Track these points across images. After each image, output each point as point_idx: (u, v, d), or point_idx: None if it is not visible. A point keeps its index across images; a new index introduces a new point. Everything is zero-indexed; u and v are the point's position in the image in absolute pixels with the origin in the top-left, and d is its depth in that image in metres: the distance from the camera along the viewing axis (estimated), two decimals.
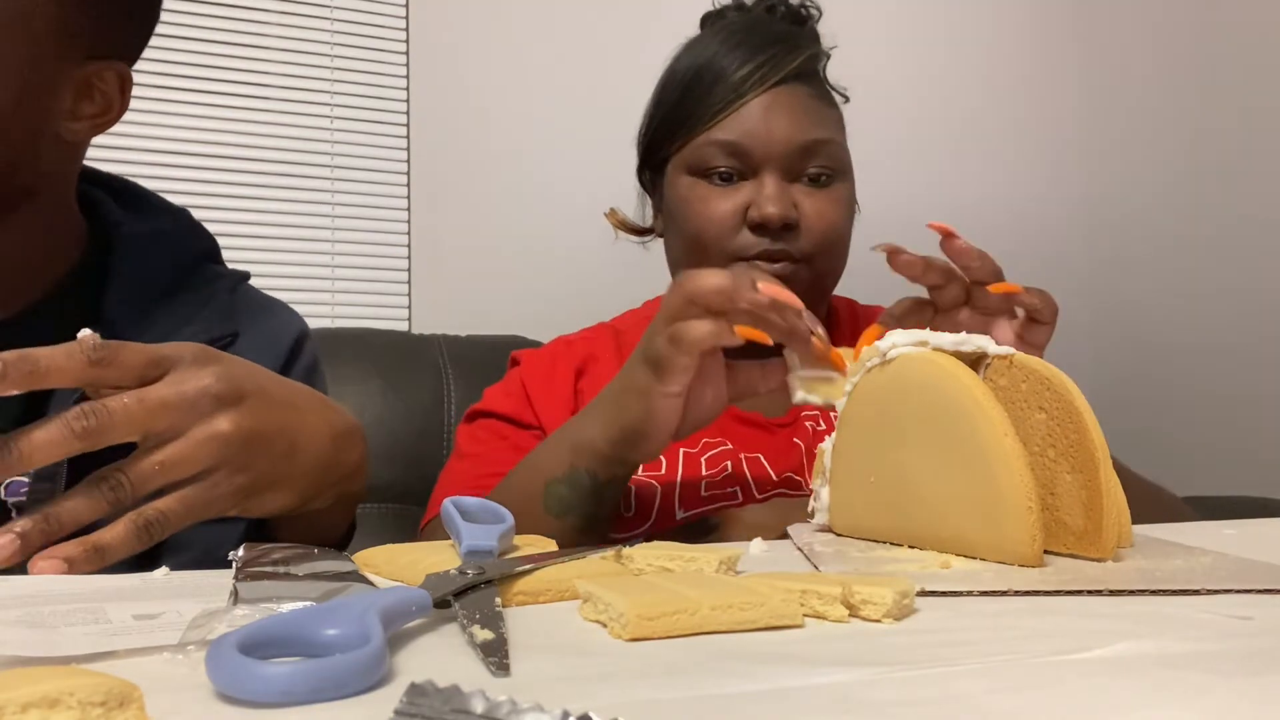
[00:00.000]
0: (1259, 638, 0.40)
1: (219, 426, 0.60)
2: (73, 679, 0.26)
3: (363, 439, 0.73)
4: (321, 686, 0.29)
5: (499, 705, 0.26)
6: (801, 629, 0.40)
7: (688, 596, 0.39)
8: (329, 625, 0.34)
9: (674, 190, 1.03)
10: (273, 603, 0.41)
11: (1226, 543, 0.67)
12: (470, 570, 0.46)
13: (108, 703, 0.26)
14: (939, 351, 0.62)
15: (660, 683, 0.33)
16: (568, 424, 0.84)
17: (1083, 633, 0.41)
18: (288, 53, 1.68)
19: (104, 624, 0.40)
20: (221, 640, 0.31)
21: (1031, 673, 0.34)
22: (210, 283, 0.88)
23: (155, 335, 0.76)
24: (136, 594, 0.47)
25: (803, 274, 0.98)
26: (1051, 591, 0.49)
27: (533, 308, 1.72)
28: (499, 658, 0.34)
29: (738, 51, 1.00)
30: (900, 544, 0.63)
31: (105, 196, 0.87)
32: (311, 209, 1.69)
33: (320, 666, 0.30)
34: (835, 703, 0.31)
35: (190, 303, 0.84)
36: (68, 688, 0.26)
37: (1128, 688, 0.33)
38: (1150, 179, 2.20)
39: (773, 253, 0.97)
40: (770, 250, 0.97)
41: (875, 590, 0.41)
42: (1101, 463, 0.57)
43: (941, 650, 0.38)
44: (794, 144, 0.98)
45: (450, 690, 0.27)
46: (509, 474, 0.87)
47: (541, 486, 0.80)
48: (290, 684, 0.29)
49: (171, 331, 0.79)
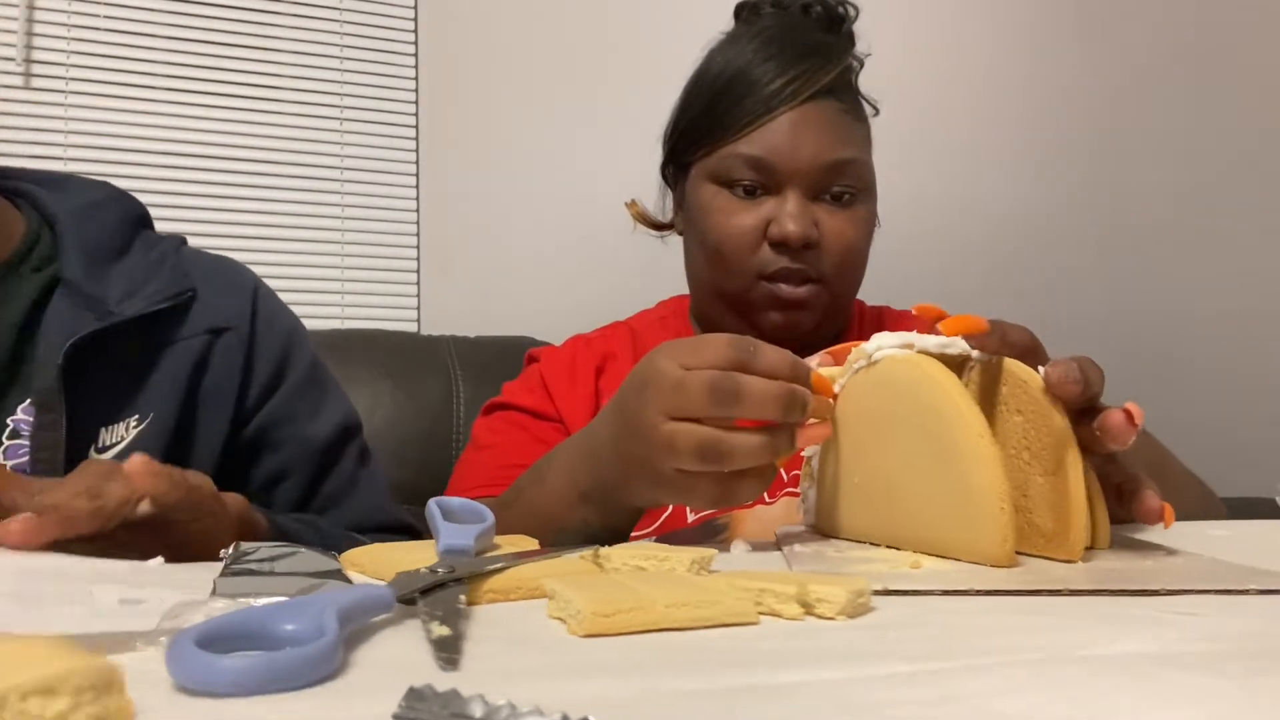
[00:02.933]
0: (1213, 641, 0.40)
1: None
2: (67, 661, 0.27)
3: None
4: (271, 679, 0.31)
5: (498, 710, 0.26)
6: (757, 626, 0.41)
7: (644, 594, 0.40)
8: (287, 621, 0.35)
9: (696, 196, 1.03)
10: (249, 597, 0.43)
11: (1215, 544, 0.67)
12: (442, 569, 0.48)
13: (96, 686, 0.27)
14: (923, 354, 0.63)
15: (611, 678, 0.34)
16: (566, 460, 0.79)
17: (1034, 629, 0.42)
18: (297, 55, 1.70)
19: (89, 604, 0.42)
20: (182, 634, 0.33)
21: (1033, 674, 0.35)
22: (154, 246, 0.90)
23: (118, 294, 0.81)
24: (125, 579, 0.49)
25: (821, 294, 1.00)
26: (1012, 591, 0.49)
27: (541, 309, 1.73)
28: (449, 653, 0.35)
29: (771, 62, 1.00)
30: (881, 545, 0.64)
31: (30, 187, 0.88)
32: (321, 210, 1.71)
33: (270, 659, 0.31)
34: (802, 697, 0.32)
35: (141, 266, 0.86)
36: (62, 673, 0.26)
37: (1129, 689, 0.33)
38: (1164, 179, 2.19)
39: (792, 271, 0.98)
40: (790, 269, 0.98)
41: (830, 589, 0.42)
42: (1071, 466, 0.58)
43: (894, 646, 0.39)
44: (819, 163, 0.98)
45: (449, 694, 0.27)
46: (517, 487, 0.84)
47: (546, 522, 0.75)
48: (239, 676, 0.30)
49: (133, 290, 0.83)
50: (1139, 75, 2.22)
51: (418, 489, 1.43)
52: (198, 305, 0.87)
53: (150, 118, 1.60)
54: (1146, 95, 2.21)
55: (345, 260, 1.72)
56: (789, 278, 0.98)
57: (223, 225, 1.63)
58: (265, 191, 1.67)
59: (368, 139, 1.73)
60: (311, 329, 1.41)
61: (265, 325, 0.92)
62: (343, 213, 1.72)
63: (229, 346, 0.88)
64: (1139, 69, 2.22)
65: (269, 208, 1.67)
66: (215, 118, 1.64)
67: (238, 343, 0.89)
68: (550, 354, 1.08)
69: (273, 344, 0.92)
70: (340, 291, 1.72)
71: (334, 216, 1.71)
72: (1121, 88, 2.24)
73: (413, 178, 1.76)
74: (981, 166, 2.18)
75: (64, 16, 1.55)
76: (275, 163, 1.67)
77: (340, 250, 1.72)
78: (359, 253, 1.73)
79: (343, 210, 1.72)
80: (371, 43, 1.74)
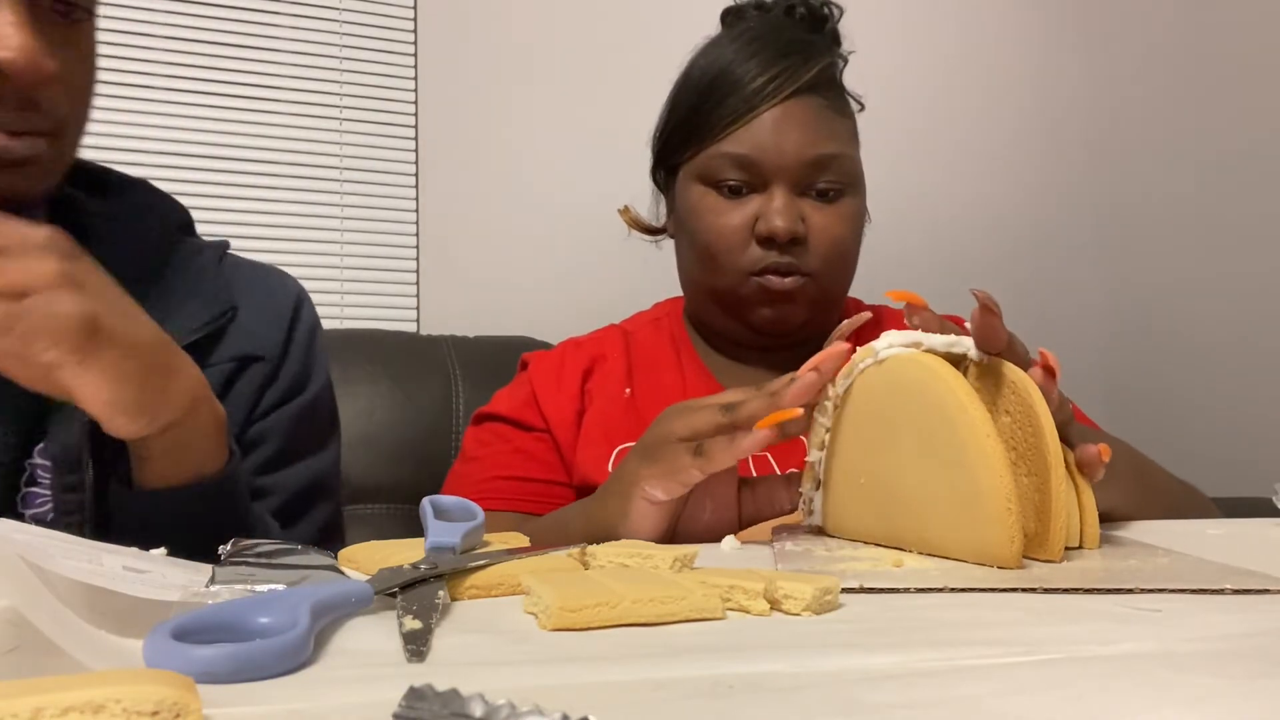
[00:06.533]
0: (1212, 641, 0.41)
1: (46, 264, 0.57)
2: (120, 686, 0.24)
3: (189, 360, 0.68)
4: (241, 667, 0.32)
5: (498, 710, 0.27)
6: (723, 621, 0.42)
7: (612, 589, 0.41)
8: (262, 614, 0.36)
9: (685, 198, 1.04)
10: (247, 584, 0.44)
11: (1211, 543, 0.67)
12: (424, 565, 0.48)
13: (160, 713, 0.24)
14: (930, 353, 0.63)
15: (575, 668, 0.35)
16: (573, 506, 0.83)
17: (999, 624, 0.42)
18: (297, 55, 1.70)
19: (96, 565, 0.43)
20: (159, 626, 0.34)
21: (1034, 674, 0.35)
22: (195, 256, 0.84)
23: (154, 317, 0.71)
24: (132, 555, 0.50)
25: (809, 288, 1.00)
26: (987, 589, 0.50)
27: (541, 309, 1.74)
28: (417, 645, 0.36)
29: (753, 61, 1.00)
30: (886, 545, 0.64)
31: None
32: (320, 210, 1.71)
33: (241, 649, 0.32)
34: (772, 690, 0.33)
35: (181, 281, 0.81)
36: (114, 694, 0.24)
37: (1131, 691, 0.33)
38: (1162, 178, 2.19)
39: (780, 266, 0.98)
40: (779, 264, 0.98)
41: (796, 586, 0.43)
42: (1054, 467, 0.58)
43: (854, 639, 0.39)
44: (804, 158, 0.98)
45: (449, 694, 0.27)
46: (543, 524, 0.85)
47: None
48: (211, 665, 0.31)
49: (170, 312, 0.75)
50: (1140, 75, 2.22)
51: (416, 489, 1.43)
52: (234, 327, 0.81)
53: (149, 118, 1.61)
54: (1147, 95, 2.21)
55: (344, 260, 1.73)
56: (777, 273, 0.99)
57: (222, 225, 1.63)
58: (264, 191, 1.68)
59: (367, 139, 1.74)
60: None
61: (295, 350, 0.87)
62: (342, 213, 1.72)
63: (253, 376, 0.82)
64: (1140, 69, 2.22)
65: (268, 208, 1.68)
66: (215, 118, 1.65)
67: (262, 373, 0.83)
68: (540, 359, 1.09)
69: (293, 368, 0.87)
70: (339, 292, 1.72)
71: (333, 216, 1.72)
72: (1122, 87, 2.25)
73: (412, 178, 1.77)
74: (981, 166, 2.19)
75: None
76: (274, 163, 1.68)
77: (339, 250, 1.72)
78: (358, 253, 1.74)
79: (342, 210, 1.72)
80: (371, 43, 1.75)
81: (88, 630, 0.37)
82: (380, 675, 0.34)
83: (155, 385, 0.63)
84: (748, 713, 0.30)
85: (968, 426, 0.57)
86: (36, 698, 0.24)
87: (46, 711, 0.24)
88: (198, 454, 0.68)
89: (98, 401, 0.60)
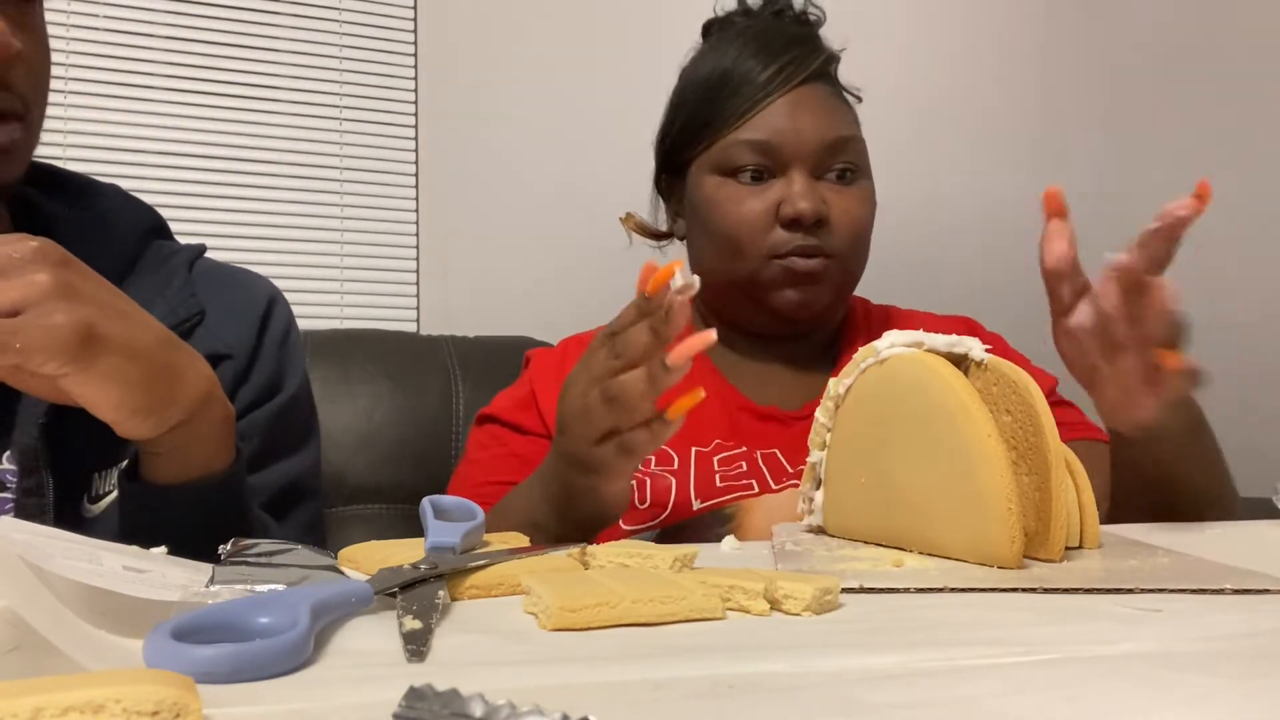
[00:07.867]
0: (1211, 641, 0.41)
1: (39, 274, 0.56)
2: (120, 686, 0.24)
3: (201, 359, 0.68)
4: (241, 667, 0.32)
5: (498, 710, 0.27)
6: (722, 621, 0.42)
7: (611, 589, 0.41)
8: (262, 614, 0.36)
9: (700, 192, 1.05)
10: (246, 584, 0.44)
11: (1210, 543, 0.67)
12: (424, 565, 0.48)
13: (160, 713, 0.25)
14: (931, 353, 0.63)
15: (575, 668, 0.35)
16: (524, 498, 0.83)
17: (999, 624, 0.42)
18: (296, 55, 1.70)
19: (96, 565, 0.43)
20: (159, 626, 0.34)
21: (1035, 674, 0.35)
22: (165, 261, 0.84)
23: None
24: (132, 555, 0.50)
25: (833, 269, 1.01)
26: (988, 589, 0.50)
27: (541, 309, 1.74)
28: (417, 645, 0.36)
29: (759, 55, 1.03)
30: (886, 544, 0.64)
31: (21, 187, 0.80)
32: (320, 210, 1.71)
33: (240, 650, 0.32)
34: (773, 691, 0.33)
35: (149, 285, 0.80)
36: (114, 694, 0.24)
37: (1131, 691, 0.33)
38: (1165, 180, 2.19)
39: (806, 248, 1.00)
40: (804, 245, 1.00)
41: (796, 586, 0.43)
42: (1054, 467, 0.58)
43: (854, 639, 0.39)
44: (822, 141, 1.00)
45: (449, 694, 0.28)
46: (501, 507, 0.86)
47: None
48: (211, 665, 0.31)
49: None
50: (1140, 75, 2.22)
51: (416, 489, 1.43)
52: (201, 330, 0.81)
53: (149, 118, 1.60)
54: (1148, 95, 2.21)
55: (344, 260, 1.72)
56: (803, 254, 1.00)
57: (222, 226, 1.63)
58: (264, 192, 1.67)
59: (367, 139, 1.74)
60: (311, 329, 1.42)
61: (267, 350, 0.86)
62: (342, 213, 1.72)
63: (223, 375, 0.78)
64: (1140, 69, 2.22)
65: (268, 208, 1.67)
66: (214, 118, 1.64)
67: (233, 371, 0.83)
68: (542, 356, 1.09)
69: (266, 367, 0.86)
70: (339, 291, 1.72)
71: (333, 217, 1.71)
72: (1123, 87, 2.25)
73: (412, 178, 1.77)
74: (982, 165, 2.19)
75: (63, 17, 1.55)
76: (274, 163, 1.68)
77: (339, 250, 1.72)
78: (358, 253, 1.73)
79: (342, 210, 1.72)
80: (371, 43, 1.75)
81: (87, 630, 0.37)
82: (380, 675, 0.34)
83: (162, 385, 0.63)
84: (747, 713, 0.30)
85: (969, 426, 0.57)
86: (36, 698, 0.24)
87: (46, 711, 0.24)
88: (207, 450, 0.68)
89: (106, 406, 0.60)
